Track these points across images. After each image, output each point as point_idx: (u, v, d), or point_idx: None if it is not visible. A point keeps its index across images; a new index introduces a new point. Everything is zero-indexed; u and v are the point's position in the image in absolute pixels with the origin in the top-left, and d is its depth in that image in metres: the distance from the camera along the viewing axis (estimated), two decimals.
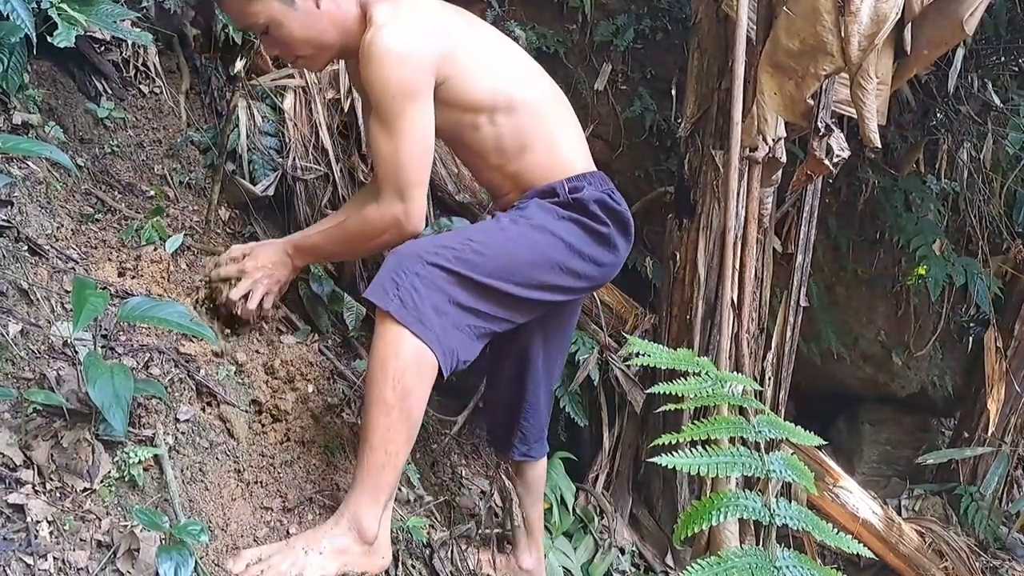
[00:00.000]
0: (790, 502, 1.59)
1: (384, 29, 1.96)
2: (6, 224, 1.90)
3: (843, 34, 2.64)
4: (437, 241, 2.04)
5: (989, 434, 4.83)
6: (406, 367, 1.85)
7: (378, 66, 1.94)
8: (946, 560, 4.06)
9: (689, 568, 1.43)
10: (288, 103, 2.82)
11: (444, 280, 1.91)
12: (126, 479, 1.67)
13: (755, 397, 1.80)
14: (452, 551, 2.34)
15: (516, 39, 3.83)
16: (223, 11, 2.26)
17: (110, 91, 2.52)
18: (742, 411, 1.82)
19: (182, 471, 1.80)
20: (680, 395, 1.75)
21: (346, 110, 2.95)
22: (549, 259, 2.07)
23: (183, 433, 1.85)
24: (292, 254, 2.21)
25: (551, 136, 2.18)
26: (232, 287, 2.16)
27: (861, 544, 1.59)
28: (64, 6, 2.10)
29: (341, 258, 2.35)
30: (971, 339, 5.21)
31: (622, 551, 3.30)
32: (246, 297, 2.17)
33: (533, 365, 2.37)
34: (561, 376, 3.45)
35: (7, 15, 1.90)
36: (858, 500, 3.76)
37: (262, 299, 2.19)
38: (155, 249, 2.24)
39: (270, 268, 2.18)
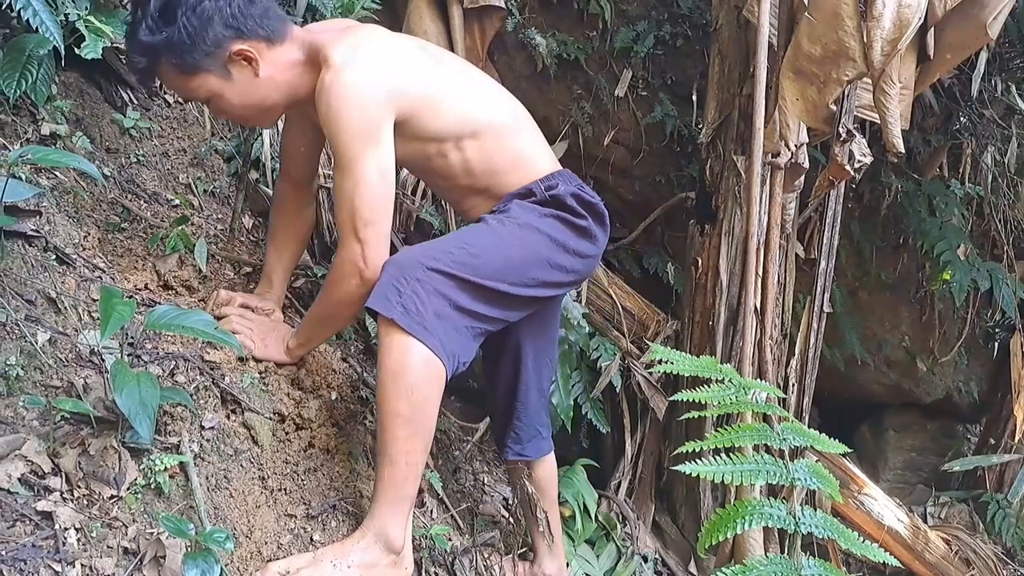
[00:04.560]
0: (815, 510, 1.59)
1: (343, 72, 1.93)
2: (35, 234, 1.92)
3: (865, 39, 2.63)
4: (432, 246, 2.04)
5: (1016, 440, 4.79)
6: (417, 378, 1.85)
7: (336, 109, 1.92)
8: (973, 568, 4.02)
9: None
10: None
11: (445, 284, 1.92)
12: (152, 486, 1.68)
13: (778, 404, 1.79)
14: (475, 558, 2.34)
15: (536, 46, 3.86)
16: (167, 86, 2.26)
17: (136, 101, 2.55)
18: (766, 418, 1.82)
19: (207, 478, 1.81)
20: (703, 402, 1.75)
21: None
22: (539, 256, 2.10)
23: (208, 440, 1.87)
24: (292, 349, 2.20)
25: (519, 151, 2.20)
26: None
27: (887, 552, 1.58)
28: (91, 18, 2.13)
29: (329, 329, 2.24)
30: (997, 344, 5.17)
31: (645, 559, 3.29)
32: None
33: (525, 366, 2.39)
34: (572, 384, 3.46)
35: (36, 27, 1.92)
36: (883, 507, 3.74)
37: None
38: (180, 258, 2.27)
39: (261, 342, 2.17)
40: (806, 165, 3.10)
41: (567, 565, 2.71)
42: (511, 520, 2.70)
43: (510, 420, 2.43)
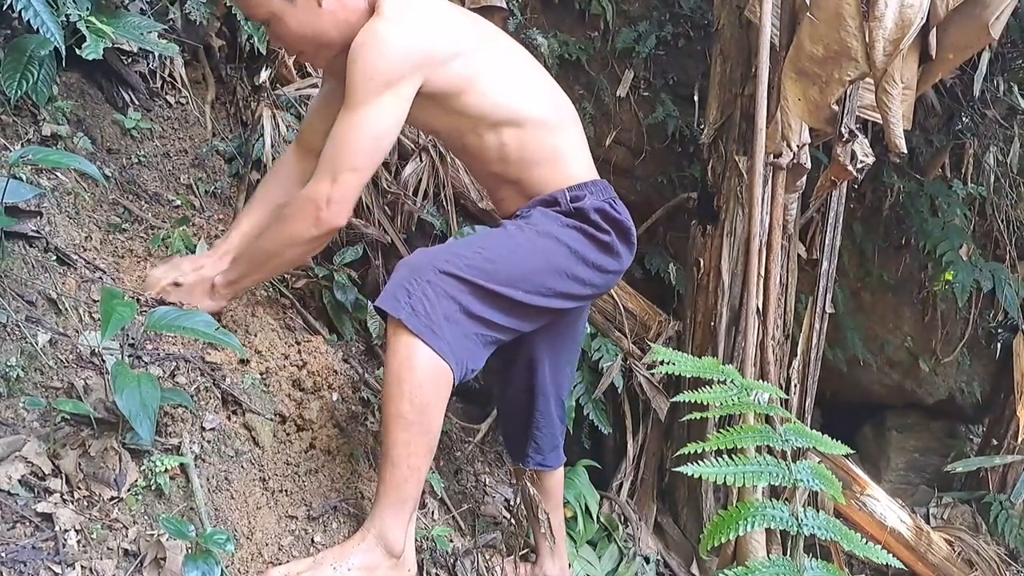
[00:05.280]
0: (817, 511, 1.58)
1: (386, 19, 1.95)
2: (36, 235, 1.92)
3: (868, 39, 2.62)
4: (448, 249, 2.02)
5: (1019, 441, 4.78)
6: (422, 380, 1.84)
7: (364, 50, 1.92)
8: (976, 569, 4.01)
9: None
10: None
11: (456, 288, 1.89)
12: (153, 488, 1.68)
13: (781, 405, 1.79)
14: (476, 560, 2.34)
15: (538, 47, 3.85)
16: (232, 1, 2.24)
17: (137, 102, 2.55)
18: (768, 419, 1.81)
19: (208, 480, 1.80)
20: (705, 403, 1.74)
21: None
22: (556, 265, 2.06)
23: (209, 442, 1.86)
24: (218, 288, 2.11)
25: (556, 149, 2.16)
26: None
27: (889, 554, 1.58)
28: (92, 19, 2.12)
29: (264, 269, 2.13)
30: (999, 345, 5.16)
31: (647, 560, 3.28)
32: None
33: (541, 376, 2.35)
34: (574, 385, 3.45)
35: (37, 28, 1.92)
36: (886, 508, 3.73)
37: None
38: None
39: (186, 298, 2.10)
40: (808, 165, 3.10)
41: (569, 566, 2.70)
42: (513, 521, 2.70)
43: (529, 430, 2.41)
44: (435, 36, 2.02)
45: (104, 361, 1.80)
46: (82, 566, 1.50)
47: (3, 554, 1.43)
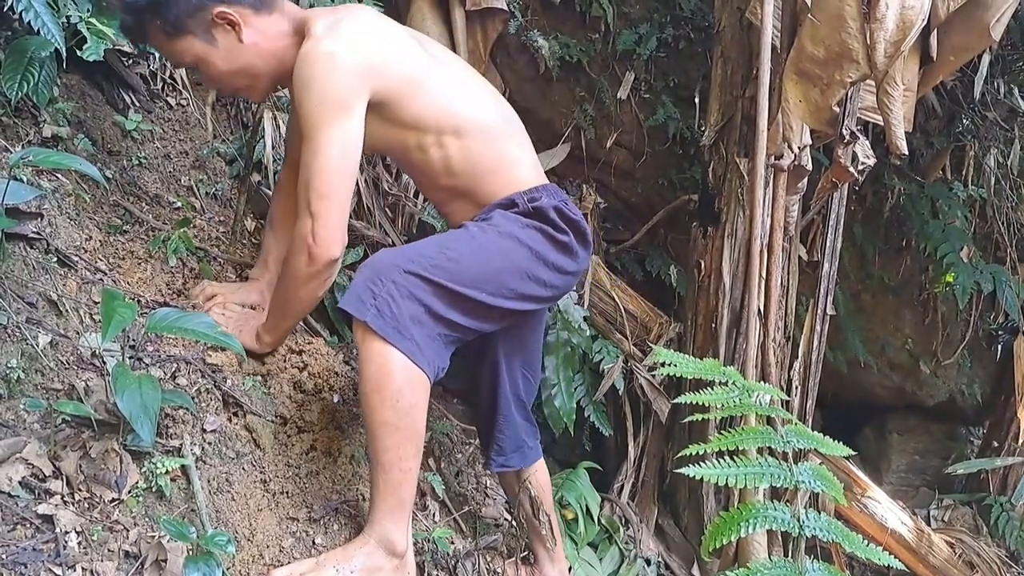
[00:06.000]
0: (819, 513, 1.58)
1: (322, 40, 1.93)
2: (36, 236, 1.92)
3: (869, 41, 2.63)
4: (412, 249, 2.01)
5: (1020, 443, 4.78)
6: (400, 386, 1.83)
7: (308, 75, 1.91)
8: (977, 571, 4.01)
9: None
10: None
11: (421, 289, 1.88)
12: (154, 489, 1.68)
13: (782, 407, 1.78)
14: (477, 562, 2.34)
15: (539, 49, 3.85)
16: (157, 51, 2.25)
17: (138, 104, 2.55)
18: (769, 421, 1.81)
19: (209, 481, 1.80)
20: (706, 405, 1.74)
21: None
22: (518, 267, 2.05)
23: (210, 443, 1.86)
24: (261, 337, 2.16)
25: (504, 156, 2.16)
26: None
27: (890, 555, 1.57)
28: (93, 20, 2.12)
29: (290, 314, 2.14)
30: (1000, 347, 5.16)
31: (648, 562, 3.28)
32: None
33: (502, 379, 2.35)
34: (575, 387, 3.45)
35: (37, 29, 1.92)
36: (886, 510, 3.72)
37: None
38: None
39: (238, 333, 2.12)
40: (809, 167, 3.09)
41: (569, 569, 2.70)
42: (513, 523, 2.69)
43: (492, 431, 2.40)
44: (374, 44, 2.01)
45: (105, 363, 1.80)
46: (83, 568, 1.50)
47: (4, 556, 1.43)
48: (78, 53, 2.10)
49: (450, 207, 2.23)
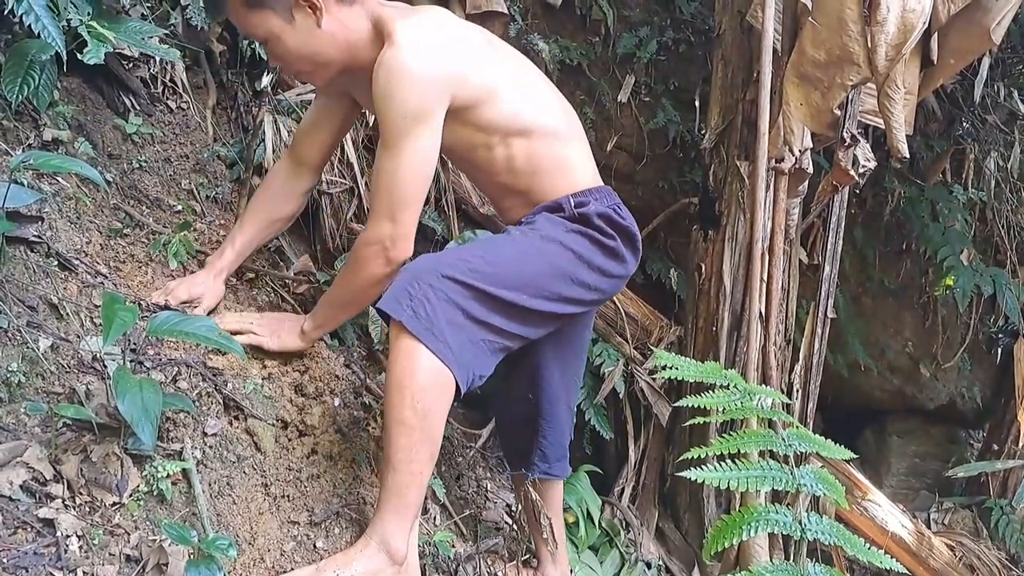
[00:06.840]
0: (820, 516, 1.58)
1: (405, 48, 1.93)
2: (37, 239, 1.92)
3: (869, 44, 2.63)
4: (451, 254, 2.03)
5: (1020, 446, 4.78)
6: (424, 386, 1.83)
7: (393, 86, 1.92)
8: (977, 574, 4.01)
9: None
10: None
11: (458, 293, 1.89)
12: (155, 493, 1.68)
13: (783, 410, 1.78)
14: (478, 565, 2.34)
15: (539, 52, 3.85)
16: (230, 18, 2.26)
17: (138, 107, 2.54)
18: (771, 424, 1.81)
19: (210, 485, 1.80)
20: (707, 408, 1.74)
21: (371, 124, 2.97)
22: (561, 270, 2.06)
23: (211, 447, 1.86)
24: (307, 333, 2.20)
25: (564, 157, 2.18)
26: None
27: (891, 558, 1.57)
28: (94, 24, 2.12)
29: (349, 311, 2.23)
30: (1000, 350, 5.17)
31: (648, 565, 3.27)
32: None
33: (547, 382, 2.34)
34: (581, 391, 3.45)
35: (38, 33, 1.92)
36: (887, 513, 3.72)
37: None
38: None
39: (273, 335, 2.18)
40: (810, 170, 3.09)
41: (571, 572, 2.70)
42: (514, 527, 2.69)
43: (535, 438, 2.39)
44: (455, 53, 2.03)
45: (106, 366, 1.80)
46: (84, 572, 1.49)
47: (5, 560, 1.43)
48: (78, 56, 2.10)
49: (506, 203, 2.25)
